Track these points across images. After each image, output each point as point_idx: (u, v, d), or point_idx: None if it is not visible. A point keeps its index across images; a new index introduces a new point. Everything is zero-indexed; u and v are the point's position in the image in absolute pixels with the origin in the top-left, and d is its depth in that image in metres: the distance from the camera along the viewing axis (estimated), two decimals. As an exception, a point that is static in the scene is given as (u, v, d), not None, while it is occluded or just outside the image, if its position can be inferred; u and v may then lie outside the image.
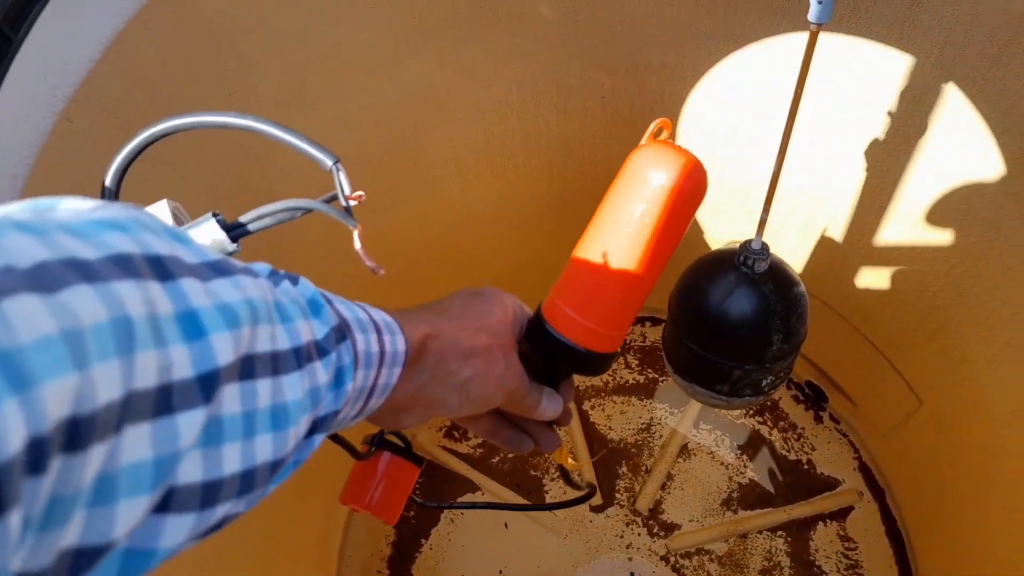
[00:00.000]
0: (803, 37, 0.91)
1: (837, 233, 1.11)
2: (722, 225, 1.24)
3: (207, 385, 0.21)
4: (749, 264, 0.57)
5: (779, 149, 0.55)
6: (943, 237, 0.97)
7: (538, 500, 1.34)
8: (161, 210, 0.35)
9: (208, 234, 0.34)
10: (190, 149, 0.77)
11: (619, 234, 0.41)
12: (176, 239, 0.23)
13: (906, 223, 1.01)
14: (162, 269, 0.21)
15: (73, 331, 0.16)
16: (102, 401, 0.17)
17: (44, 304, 0.16)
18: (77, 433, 0.16)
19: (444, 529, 1.33)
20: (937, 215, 0.96)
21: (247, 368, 0.23)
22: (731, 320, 0.56)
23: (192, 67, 0.75)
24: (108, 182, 0.34)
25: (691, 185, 0.41)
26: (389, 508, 0.61)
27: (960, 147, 0.88)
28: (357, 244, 0.35)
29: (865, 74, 0.90)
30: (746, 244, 0.59)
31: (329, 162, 0.35)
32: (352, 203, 0.36)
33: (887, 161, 0.97)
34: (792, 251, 1.19)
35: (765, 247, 0.58)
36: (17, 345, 0.15)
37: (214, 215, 0.34)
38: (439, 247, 1.16)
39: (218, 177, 0.81)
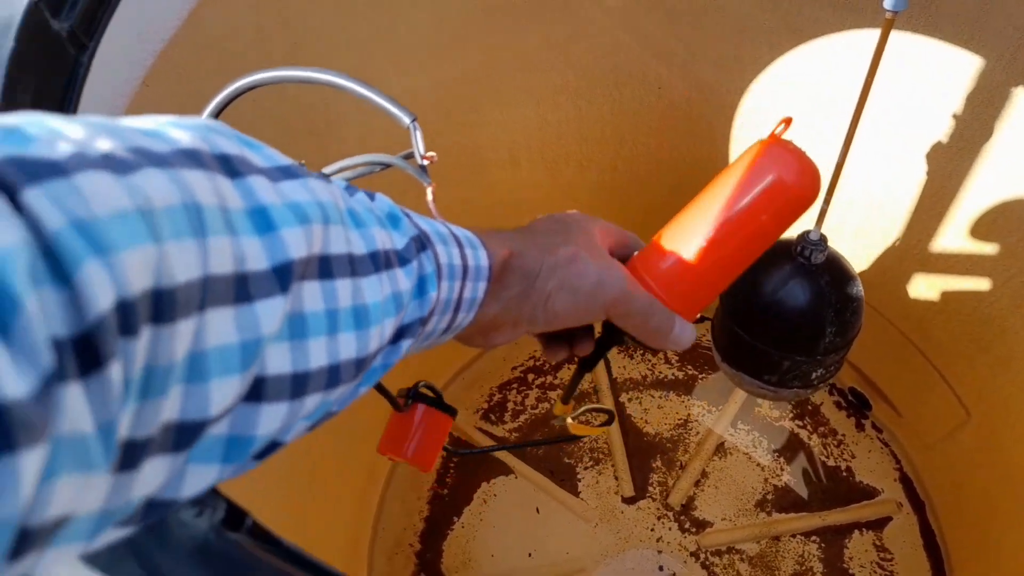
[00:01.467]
0: (868, 33, 0.90)
1: (892, 238, 1.09)
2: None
3: (282, 276, 0.22)
4: (806, 255, 0.57)
5: (846, 136, 0.54)
6: (1003, 246, 0.95)
7: (571, 488, 1.35)
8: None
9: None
10: (249, 123, 0.80)
11: (728, 223, 0.41)
12: (246, 144, 0.24)
13: (965, 230, 0.99)
14: (230, 167, 0.21)
15: (147, 209, 0.17)
16: (181, 279, 0.17)
17: (117, 182, 0.17)
18: (161, 305, 0.17)
19: (476, 508, 1.35)
20: (999, 223, 0.94)
21: (325, 267, 0.24)
22: (785, 310, 0.56)
23: (261, 40, 0.78)
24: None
25: (810, 191, 0.41)
26: (424, 457, 0.62)
27: (1027, 153, 0.86)
28: (430, 200, 0.36)
29: (931, 75, 0.89)
30: (804, 234, 0.59)
31: (407, 119, 0.37)
32: (425, 163, 0.37)
33: (950, 165, 0.95)
34: (845, 255, 1.18)
35: (823, 238, 0.58)
36: (94, 215, 0.16)
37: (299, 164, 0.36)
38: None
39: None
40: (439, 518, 1.34)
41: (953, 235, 1.00)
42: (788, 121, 0.43)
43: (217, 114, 0.37)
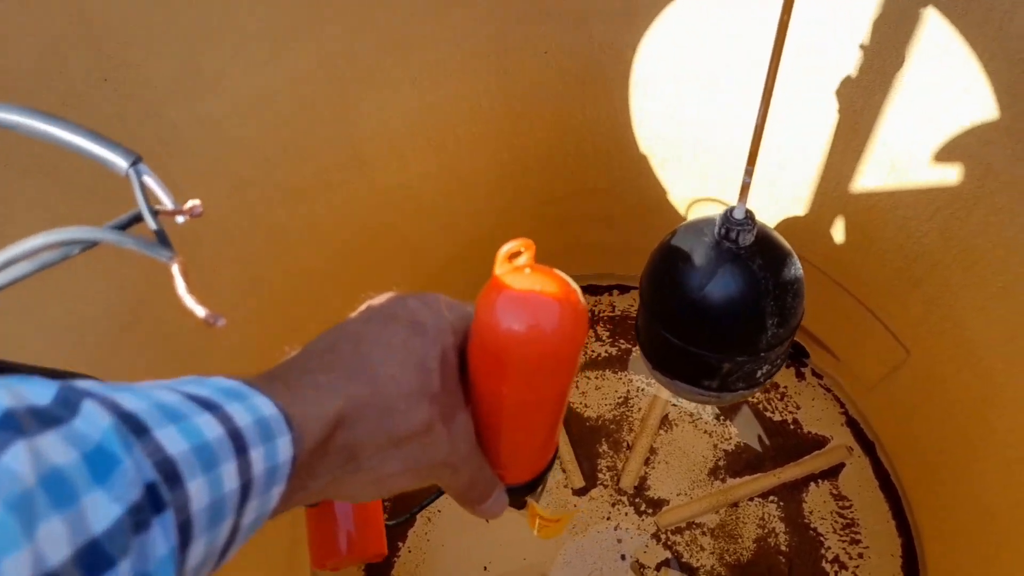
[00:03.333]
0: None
1: (809, 183, 1.03)
2: (687, 185, 1.15)
3: None
4: (732, 237, 0.48)
5: (763, 96, 0.45)
6: (926, 178, 0.90)
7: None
8: None
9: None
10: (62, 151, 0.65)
11: (494, 405, 0.32)
12: None
13: (884, 166, 0.93)
14: None
15: None
16: None
17: None
18: None
19: (421, 529, 1.25)
20: (919, 155, 0.88)
21: None
22: (716, 306, 0.47)
23: (55, 46, 0.63)
24: None
25: (560, 336, 0.29)
26: (371, 543, 0.53)
27: (942, 79, 0.80)
28: (179, 285, 0.23)
29: (834, 3, 0.81)
30: (728, 213, 0.50)
31: (124, 164, 0.24)
32: (180, 219, 0.25)
33: (861, 100, 0.89)
34: (762, 208, 1.11)
35: (750, 215, 0.49)
36: None
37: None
38: (380, 233, 1.05)
39: (99, 180, 0.69)
40: (381, 547, 1.24)
41: (872, 173, 0.95)
42: (529, 244, 0.30)
43: None
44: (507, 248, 0.30)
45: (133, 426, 0.19)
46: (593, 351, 1.39)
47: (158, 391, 0.22)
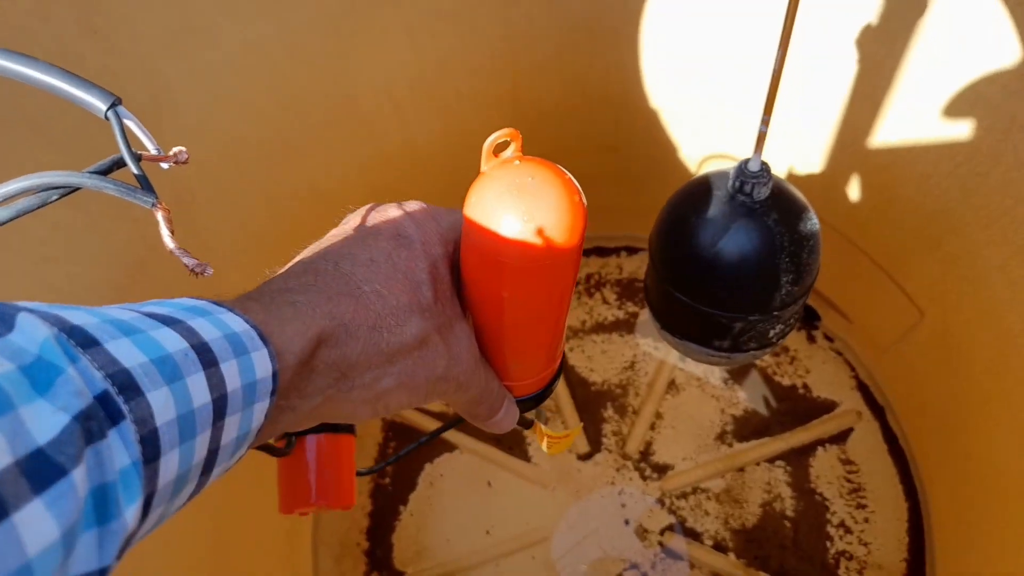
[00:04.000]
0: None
1: (825, 137, 1.00)
2: (699, 141, 1.11)
3: None
4: (747, 191, 0.46)
5: (780, 40, 0.42)
6: (948, 132, 0.86)
7: (521, 455, 1.26)
8: None
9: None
10: (52, 104, 0.63)
11: (495, 313, 0.30)
12: None
13: (905, 120, 0.89)
14: None
15: None
16: None
17: None
18: None
19: (423, 493, 1.25)
20: (941, 108, 0.85)
21: None
22: (729, 263, 0.45)
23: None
24: None
25: (560, 230, 0.26)
26: (338, 495, 0.52)
27: (968, 26, 0.76)
28: (164, 233, 0.21)
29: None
30: (742, 166, 0.47)
31: (103, 106, 0.22)
32: (164, 165, 0.23)
33: (882, 51, 0.84)
34: (773, 161, 1.07)
35: (765, 168, 0.46)
36: None
37: None
38: (382, 193, 1.02)
39: (91, 136, 0.67)
40: (384, 511, 1.24)
41: (892, 127, 0.91)
42: (515, 135, 0.28)
43: None
44: (491, 140, 0.28)
45: (81, 339, 0.18)
46: (599, 315, 1.37)
47: (112, 310, 0.21)
